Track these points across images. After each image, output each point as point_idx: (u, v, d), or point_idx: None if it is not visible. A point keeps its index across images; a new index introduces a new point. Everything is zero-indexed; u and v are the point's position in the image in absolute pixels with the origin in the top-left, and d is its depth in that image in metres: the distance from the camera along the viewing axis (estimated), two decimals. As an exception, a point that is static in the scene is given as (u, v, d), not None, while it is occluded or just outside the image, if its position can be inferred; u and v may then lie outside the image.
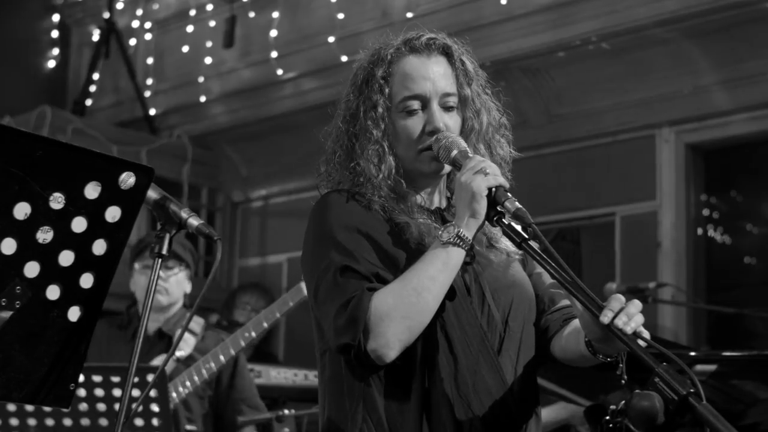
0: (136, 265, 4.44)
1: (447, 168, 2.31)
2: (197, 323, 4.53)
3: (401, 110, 2.30)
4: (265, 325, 4.36)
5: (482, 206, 2.15)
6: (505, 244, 2.33)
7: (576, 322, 2.26)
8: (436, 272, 2.13)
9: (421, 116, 2.30)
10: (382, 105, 2.29)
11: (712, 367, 3.51)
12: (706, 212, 6.04)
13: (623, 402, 1.96)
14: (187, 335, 4.44)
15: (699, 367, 3.47)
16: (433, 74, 2.31)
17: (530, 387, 2.29)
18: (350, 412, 2.17)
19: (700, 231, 5.96)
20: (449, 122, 2.31)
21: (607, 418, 2.01)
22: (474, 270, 2.24)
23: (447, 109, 2.32)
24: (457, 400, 2.16)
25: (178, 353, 4.38)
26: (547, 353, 2.34)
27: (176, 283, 4.44)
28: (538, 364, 2.35)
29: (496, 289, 2.26)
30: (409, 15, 6.17)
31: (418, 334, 2.13)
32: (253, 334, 4.34)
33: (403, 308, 2.10)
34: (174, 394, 4.24)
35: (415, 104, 2.29)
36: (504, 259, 2.32)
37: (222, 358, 4.33)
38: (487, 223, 2.20)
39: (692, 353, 3.68)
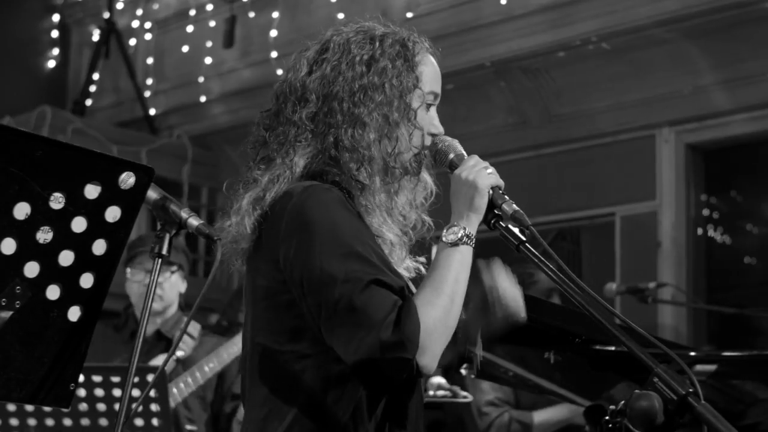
0: (128, 273, 4.43)
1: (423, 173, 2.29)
2: (194, 328, 4.53)
3: (423, 101, 2.26)
4: None
5: (484, 202, 2.14)
6: (405, 273, 2.27)
7: None
8: (458, 275, 2.10)
9: (431, 114, 2.29)
10: (420, 88, 2.25)
11: (712, 367, 3.51)
12: (706, 212, 6.04)
13: (623, 402, 1.96)
14: (185, 336, 4.44)
15: (699, 367, 3.46)
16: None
17: None
18: (336, 424, 2.09)
19: (700, 231, 5.96)
20: None
21: (607, 418, 2.01)
22: None
23: None
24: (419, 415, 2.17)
25: (178, 353, 4.38)
26: None
27: (169, 288, 4.44)
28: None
29: None
30: (409, 15, 6.17)
31: None
32: None
33: (444, 319, 2.05)
34: (175, 391, 4.24)
35: (432, 100, 2.29)
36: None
37: (225, 356, 4.33)
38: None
39: (692, 353, 3.68)
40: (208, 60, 7.25)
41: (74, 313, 1.85)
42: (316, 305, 2.06)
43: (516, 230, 2.14)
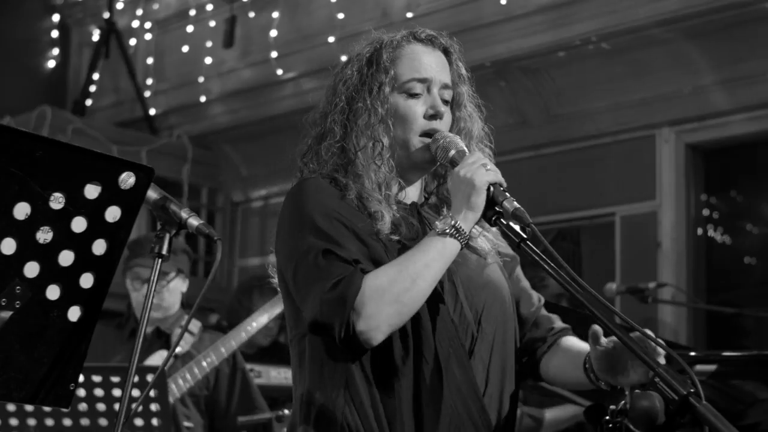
0: (127, 283, 4.42)
1: (436, 165, 2.33)
2: (194, 325, 4.53)
3: (404, 91, 2.32)
4: (266, 318, 4.36)
5: (482, 200, 2.15)
6: (483, 244, 2.33)
7: (567, 342, 2.27)
8: (431, 261, 2.13)
9: (423, 100, 2.32)
10: (388, 85, 2.31)
11: (712, 367, 3.51)
12: (706, 212, 6.03)
13: (623, 402, 1.96)
14: (185, 334, 4.43)
15: (699, 367, 3.46)
16: (436, 64, 2.36)
17: (507, 395, 2.27)
18: (332, 395, 2.17)
19: (700, 231, 5.96)
20: (446, 115, 2.34)
21: (607, 418, 2.01)
22: (449, 268, 2.21)
23: (443, 101, 2.35)
24: (434, 391, 2.16)
25: (177, 350, 4.37)
26: (536, 375, 2.35)
27: (169, 295, 4.42)
28: (522, 375, 2.36)
29: (470, 289, 2.26)
30: (409, 15, 6.17)
31: (407, 320, 2.14)
32: (254, 328, 4.34)
33: (396, 292, 2.09)
34: (174, 388, 4.24)
35: (419, 87, 2.32)
36: (478, 258, 2.32)
37: (223, 350, 4.33)
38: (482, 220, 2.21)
39: (692, 353, 3.68)
40: (208, 60, 7.25)
41: (74, 313, 1.85)
42: (288, 281, 2.21)
43: (517, 228, 2.14)
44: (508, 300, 2.32)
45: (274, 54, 6.87)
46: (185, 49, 7.40)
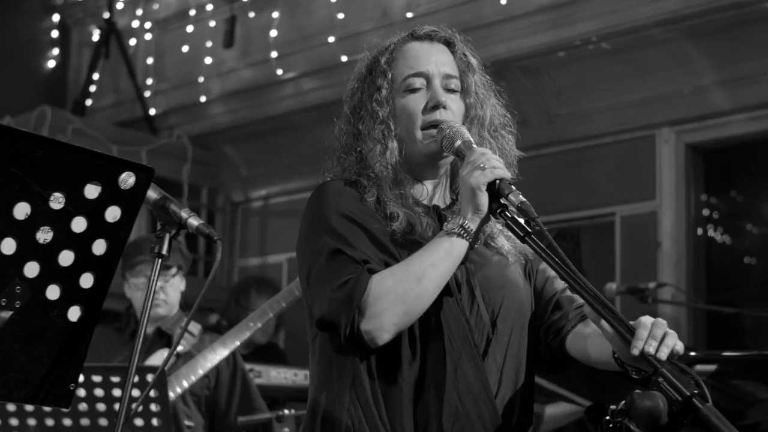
0: (129, 282, 4.41)
1: (449, 156, 2.32)
2: (194, 326, 4.52)
3: (404, 89, 2.33)
4: (270, 314, 4.36)
5: (483, 201, 2.16)
6: (503, 243, 2.32)
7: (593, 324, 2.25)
8: (438, 260, 2.14)
9: (424, 94, 2.33)
10: (386, 88, 2.33)
11: (712, 367, 3.51)
12: (706, 212, 6.03)
13: (623, 402, 1.96)
14: (186, 334, 4.43)
15: (699, 367, 3.47)
16: (435, 57, 2.36)
17: (521, 395, 2.26)
18: (338, 393, 2.19)
19: (700, 231, 5.95)
20: (452, 104, 2.33)
21: (608, 418, 2.01)
22: (467, 268, 2.23)
23: (449, 90, 2.35)
24: (439, 391, 2.16)
25: (178, 348, 4.37)
26: (564, 354, 2.32)
27: (172, 291, 4.43)
28: (549, 370, 2.36)
29: (487, 289, 2.26)
30: (409, 15, 6.17)
31: (414, 320, 2.14)
32: (258, 324, 4.34)
33: (401, 292, 2.10)
34: (177, 389, 4.23)
35: (418, 82, 2.33)
36: (499, 258, 2.31)
37: (225, 350, 4.33)
38: (491, 218, 2.21)
39: (692, 353, 3.68)
40: (208, 60, 7.25)
41: (74, 313, 1.85)
42: (303, 281, 2.25)
43: (521, 221, 2.14)
44: (526, 302, 2.32)
45: (274, 54, 6.87)
46: (185, 49, 7.40)
